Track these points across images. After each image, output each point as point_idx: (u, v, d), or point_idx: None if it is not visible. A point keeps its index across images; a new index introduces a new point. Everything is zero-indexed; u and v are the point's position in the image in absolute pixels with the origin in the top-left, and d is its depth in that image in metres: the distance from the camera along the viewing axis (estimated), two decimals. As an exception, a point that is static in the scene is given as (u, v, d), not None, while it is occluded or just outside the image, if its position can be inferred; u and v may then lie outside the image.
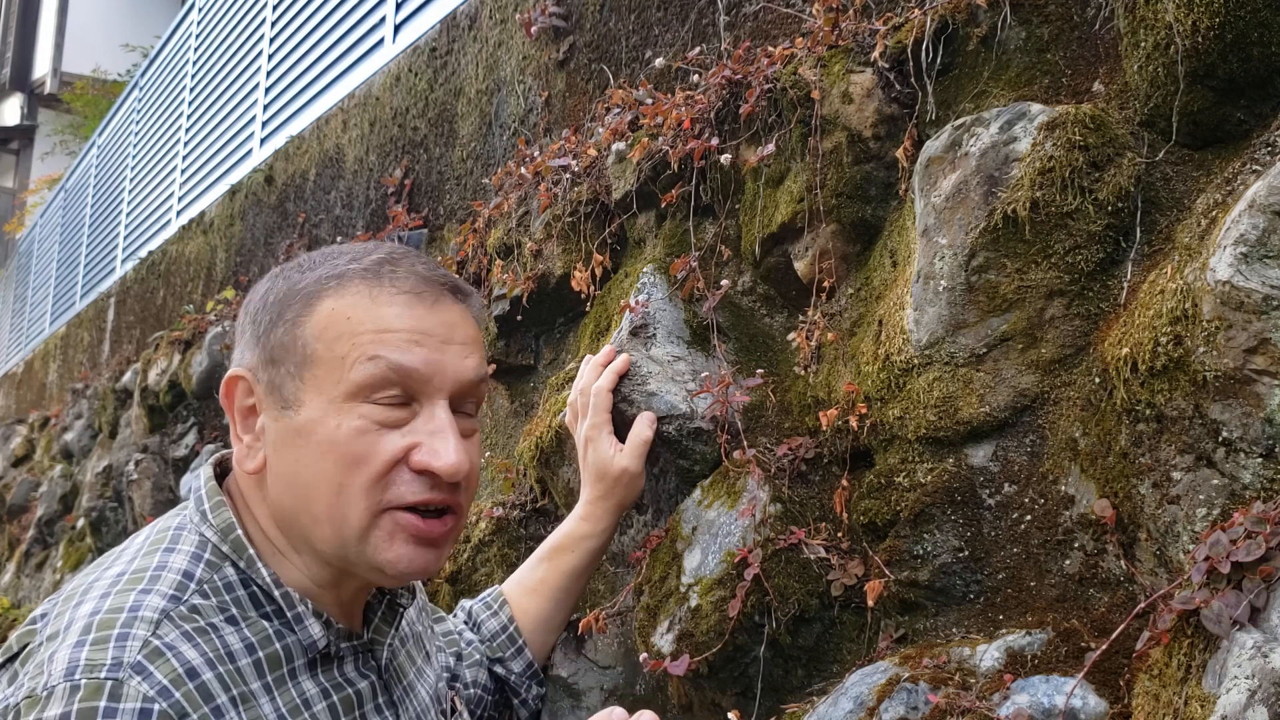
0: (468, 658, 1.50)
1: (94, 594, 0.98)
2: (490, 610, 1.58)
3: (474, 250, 2.70)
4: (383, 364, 1.03)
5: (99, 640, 0.92)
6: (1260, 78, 1.27)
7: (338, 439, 1.03)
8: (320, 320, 1.06)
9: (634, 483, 1.63)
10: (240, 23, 5.76)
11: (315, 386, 1.04)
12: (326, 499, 1.04)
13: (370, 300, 1.06)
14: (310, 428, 1.04)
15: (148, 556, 1.03)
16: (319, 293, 1.07)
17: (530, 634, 1.57)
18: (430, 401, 1.06)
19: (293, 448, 1.05)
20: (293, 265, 1.12)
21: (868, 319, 1.66)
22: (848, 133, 1.69)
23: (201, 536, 1.06)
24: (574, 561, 1.60)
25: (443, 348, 1.06)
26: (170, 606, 0.97)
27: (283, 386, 1.06)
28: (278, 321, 1.07)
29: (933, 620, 1.43)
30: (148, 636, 0.93)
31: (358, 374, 1.03)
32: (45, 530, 6.79)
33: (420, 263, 1.11)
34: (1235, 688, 0.95)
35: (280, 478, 1.06)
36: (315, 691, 1.05)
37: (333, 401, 1.04)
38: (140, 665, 0.91)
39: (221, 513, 1.07)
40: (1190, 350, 1.13)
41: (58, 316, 9.00)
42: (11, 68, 14.69)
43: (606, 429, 1.66)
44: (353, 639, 1.12)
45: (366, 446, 1.03)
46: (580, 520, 1.62)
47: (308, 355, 1.05)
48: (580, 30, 2.70)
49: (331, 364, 1.04)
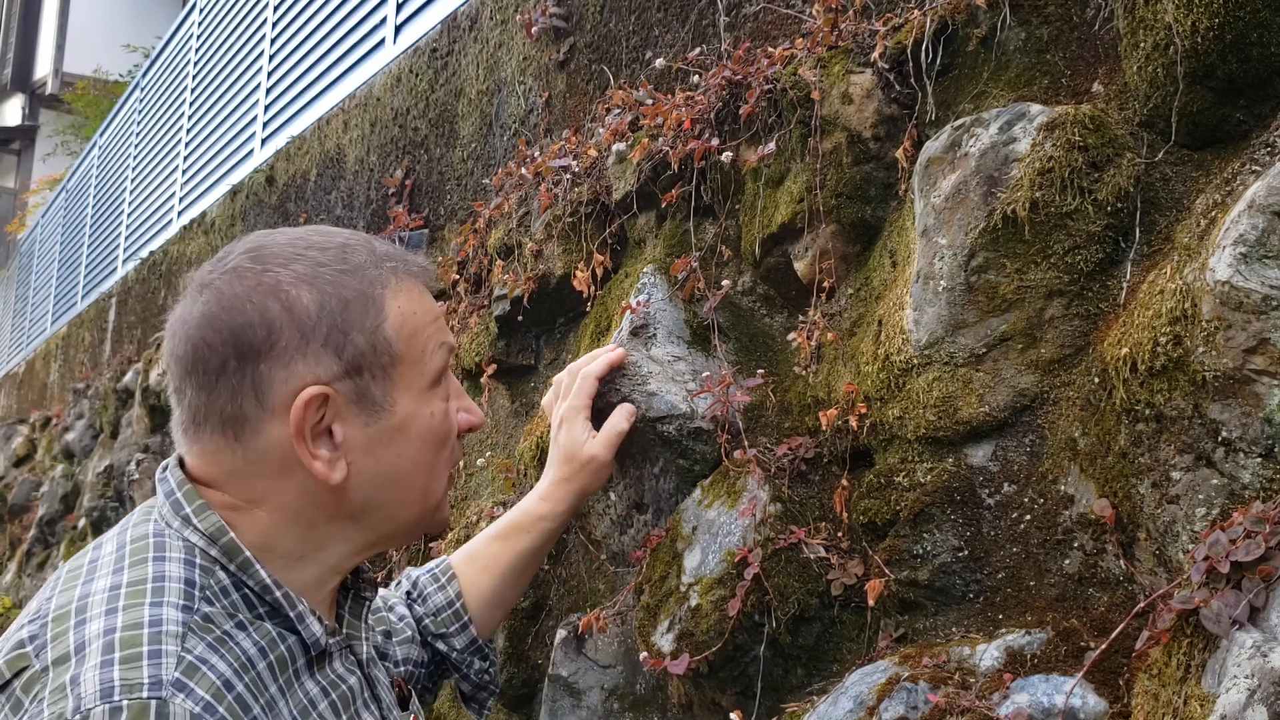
0: (398, 634, 1.47)
1: (95, 611, 0.94)
2: (438, 584, 1.55)
3: (474, 250, 2.70)
4: (447, 349, 1.15)
5: (129, 659, 0.89)
6: (1260, 78, 1.28)
7: (434, 425, 1.13)
8: (394, 320, 1.09)
9: (600, 471, 1.62)
10: (241, 23, 5.76)
11: (404, 383, 1.10)
12: (423, 481, 1.14)
13: (419, 294, 1.14)
14: (408, 422, 1.10)
15: (137, 567, 0.99)
16: (381, 296, 1.09)
17: (477, 610, 1.54)
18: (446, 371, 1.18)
19: (392, 446, 1.10)
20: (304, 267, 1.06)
21: (868, 319, 1.66)
22: (848, 133, 1.70)
23: (186, 542, 1.02)
24: (529, 542, 1.58)
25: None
26: (188, 618, 0.94)
27: (368, 392, 1.06)
28: (353, 332, 1.05)
29: (932, 620, 1.43)
30: (179, 652, 0.91)
31: (436, 362, 1.13)
32: (47, 530, 6.80)
33: (411, 251, 1.24)
34: (1235, 687, 0.95)
35: (374, 478, 1.10)
36: (317, 691, 1.05)
37: (420, 392, 1.12)
38: (180, 682, 0.88)
39: (208, 516, 1.04)
40: (1190, 350, 1.14)
41: (59, 316, 9.01)
42: (13, 68, 14.70)
43: (584, 413, 1.65)
44: (334, 635, 1.12)
45: (449, 425, 1.16)
46: (540, 500, 1.60)
47: (394, 355, 1.09)
48: (580, 31, 2.70)
49: (413, 359, 1.11)
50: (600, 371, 1.69)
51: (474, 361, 2.56)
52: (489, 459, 2.53)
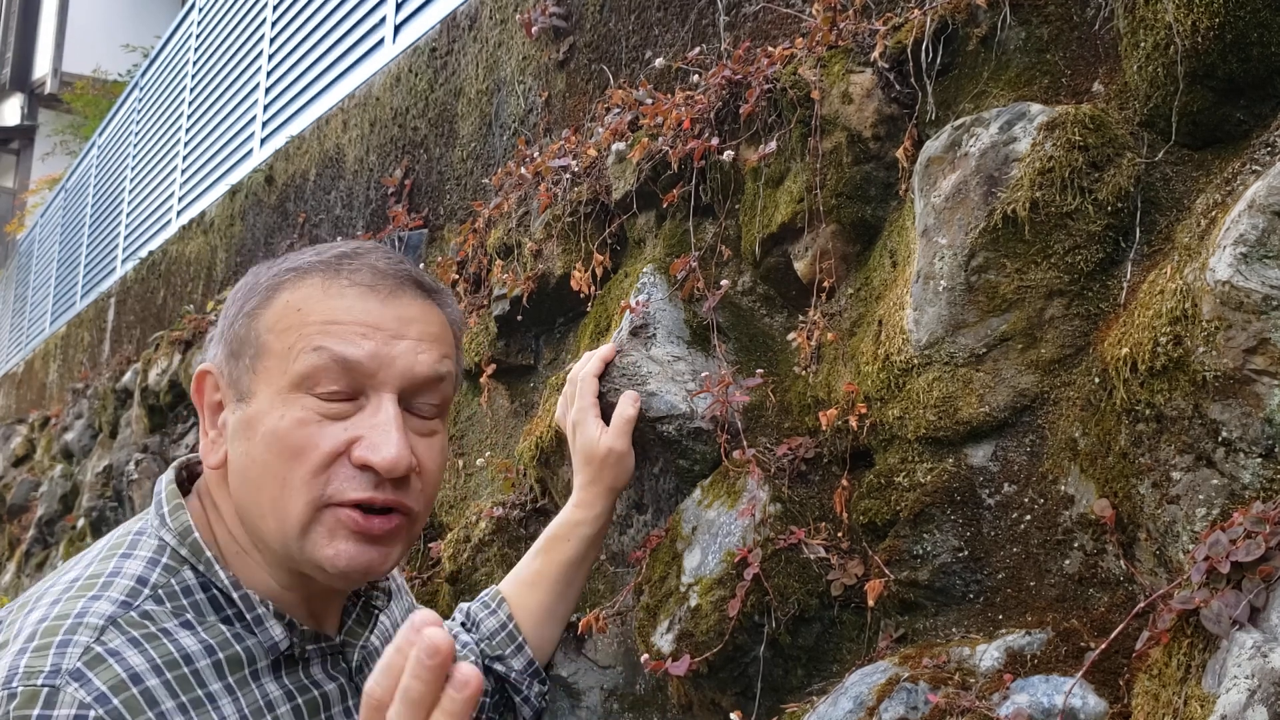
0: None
1: (45, 601, 0.97)
2: (489, 609, 1.57)
3: (474, 250, 2.70)
4: (325, 355, 1.02)
5: (40, 647, 0.91)
6: (1260, 78, 1.27)
7: (280, 430, 1.02)
8: (275, 312, 1.05)
9: (622, 462, 1.62)
10: (241, 23, 5.76)
11: (265, 378, 1.04)
12: (271, 492, 1.03)
13: (323, 292, 1.05)
14: (258, 419, 1.03)
15: (104, 562, 1.02)
16: (278, 285, 1.07)
17: (530, 630, 1.56)
18: (376, 395, 1.04)
19: (244, 439, 1.04)
20: (267, 261, 1.12)
21: (868, 319, 1.66)
22: (848, 133, 1.70)
23: (160, 541, 1.04)
24: (571, 550, 1.59)
25: (392, 341, 1.04)
26: (119, 612, 0.95)
27: (240, 379, 1.06)
28: (239, 314, 1.08)
29: (932, 620, 1.43)
30: (90, 643, 0.92)
31: (301, 364, 1.02)
32: (46, 530, 6.80)
33: (383, 257, 1.09)
34: (1235, 687, 0.95)
35: (235, 472, 1.06)
36: (279, 694, 1.04)
37: (279, 392, 1.03)
38: (78, 672, 0.90)
39: (179, 515, 1.05)
40: (1190, 350, 1.14)
41: (58, 316, 9.00)
42: (12, 68, 14.69)
43: (592, 413, 1.66)
44: (320, 640, 1.11)
45: (306, 438, 1.02)
46: (574, 508, 1.61)
47: (261, 347, 1.05)
48: (580, 30, 2.70)
49: (280, 355, 1.04)
50: (597, 370, 1.70)
51: (473, 361, 2.56)
52: (489, 459, 2.53)
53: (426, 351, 1.07)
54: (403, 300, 1.07)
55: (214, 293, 5.24)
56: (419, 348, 1.06)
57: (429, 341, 1.07)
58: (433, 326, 1.09)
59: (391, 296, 1.06)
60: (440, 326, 1.10)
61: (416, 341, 1.06)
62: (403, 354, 1.05)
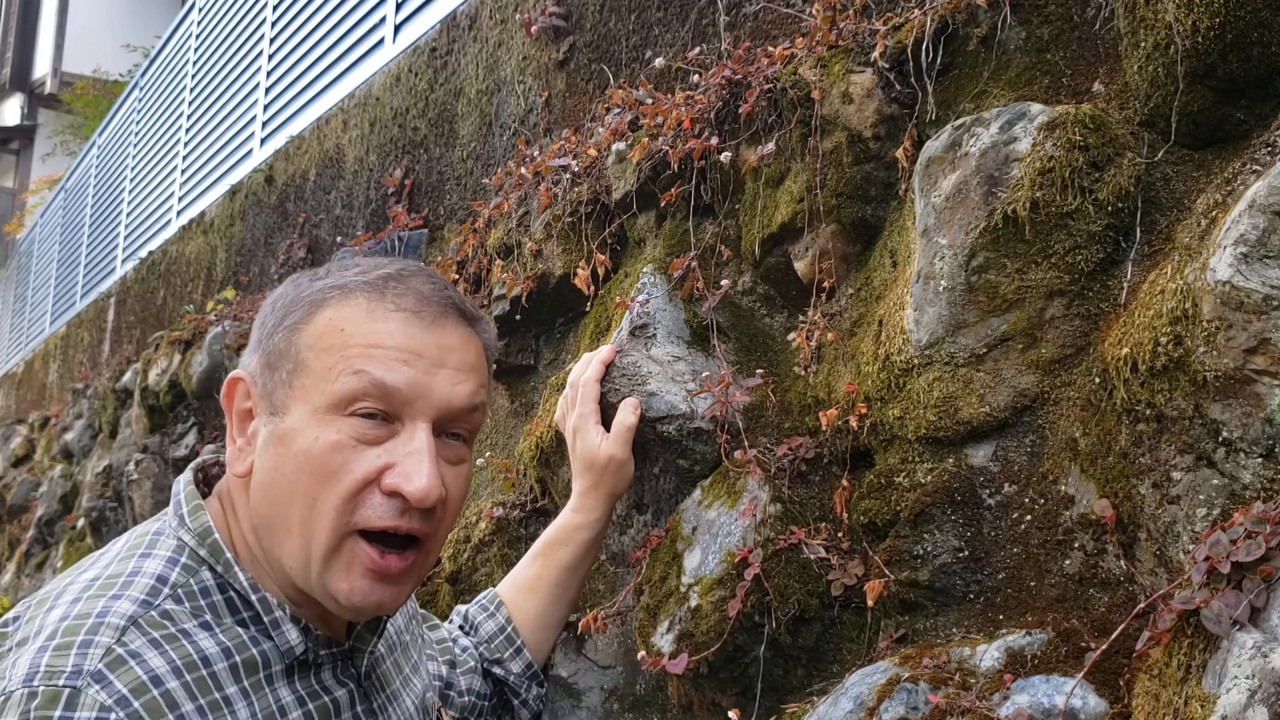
0: (462, 664, 1.49)
1: (65, 599, 0.97)
2: (487, 612, 1.57)
3: (474, 250, 2.70)
4: (366, 379, 1.01)
5: (62, 646, 0.91)
6: (1260, 78, 1.27)
7: (314, 450, 1.01)
8: (317, 329, 1.05)
9: (622, 469, 1.62)
10: (240, 23, 5.76)
11: (302, 395, 1.03)
12: (300, 512, 1.02)
13: (367, 314, 1.04)
14: (291, 435, 1.02)
15: (123, 562, 1.02)
16: (322, 302, 1.06)
17: (528, 633, 1.56)
18: (412, 423, 1.03)
19: (274, 454, 1.03)
20: (308, 274, 1.11)
21: (868, 319, 1.66)
22: (848, 133, 1.69)
23: (179, 541, 1.04)
24: (569, 555, 1.59)
25: (433, 370, 1.04)
26: (140, 612, 0.96)
27: (274, 392, 1.05)
28: (279, 327, 1.07)
29: (933, 620, 1.43)
30: (111, 644, 0.92)
31: (340, 386, 1.01)
32: (45, 530, 6.79)
33: (428, 281, 1.08)
34: (1235, 688, 0.95)
35: (261, 485, 1.05)
36: (291, 699, 1.04)
37: (315, 411, 1.02)
38: (100, 674, 0.90)
39: (199, 516, 1.06)
40: (1190, 350, 1.13)
41: (58, 316, 9.00)
42: (12, 68, 14.69)
43: (593, 419, 1.66)
44: (332, 646, 1.10)
45: (341, 461, 1.01)
46: (573, 512, 1.61)
47: (300, 363, 1.04)
48: (580, 30, 2.70)
49: (319, 374, 1.03)
50: (597, 374, 1.70)
51: (473, 361, 2.55)
52: (489, 459, 2.53)
53: (464, 382, 1.06)
54: (445, 328, 1.07)
55: (214, 293, 5.24)
56: (457, 378, 1.06)
57: (467, 371, 1.07)
58: (470, 355, 1.09)
59: (435, 324, 1.06)
60: (478, 356, 1.10)
61: (455, 371, 1.06)
62: (441, 384, 1.04)
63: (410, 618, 1.36)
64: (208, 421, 4.91)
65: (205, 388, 4.69)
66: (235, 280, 5.07)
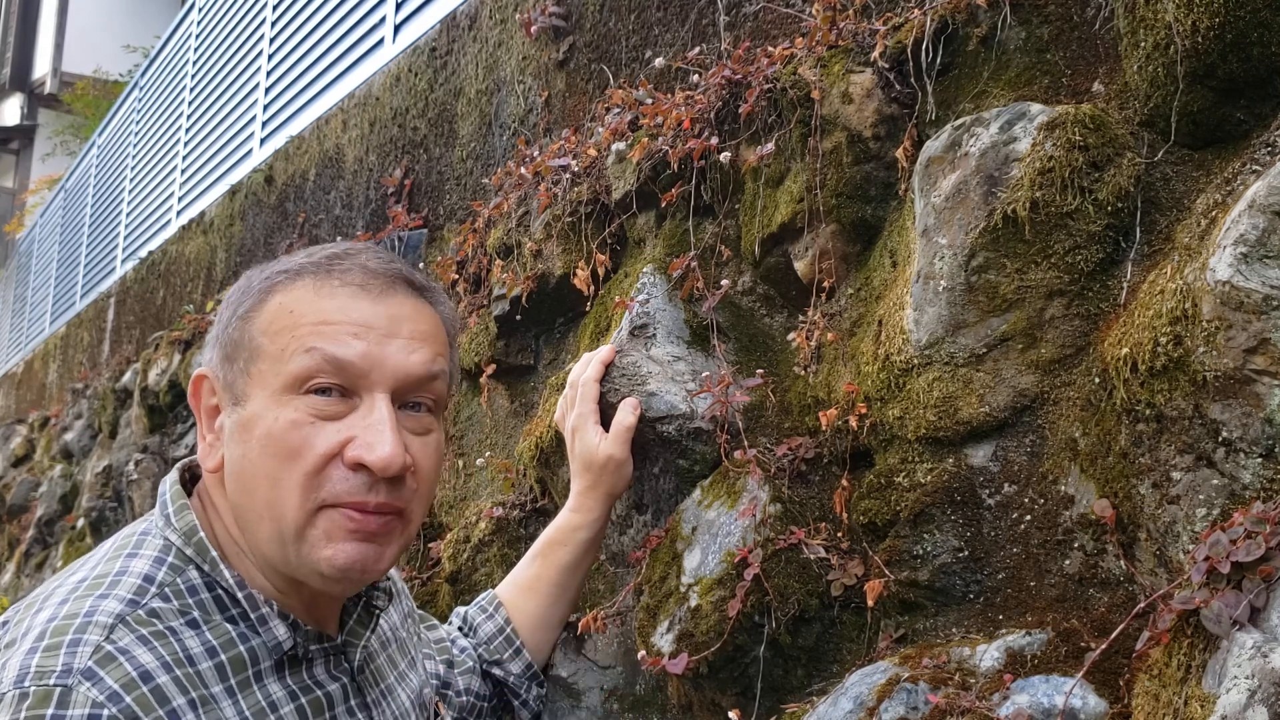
0: (460, 664, 1.49)
1: (53, 601, 0.98)
2: (486, 613, 1.57)
3: (474, 250, 2.70)
4: (318, 355, 1.02)
5: (51, 647, 0.92)
6: (1260, 78, 1.27)
7: (274, 431, 1.02)
8: (268, 314, 1.05)
9: (620, 469, 1.62)
10: (240, 23, 5.76)
11: (259, 381, 1.04)
12: (265, 494, 1.03)
13: (314, 293, 1.05)
14: (253, 421, 1.03)
15: (110, 562, 1.02)
16: (271, 288, 1.07)
17: (528, 634, 1.56)
18: (369, 395, 1.04)
19: (240, 442, 1.04)
20: (260, 265, 1.12)
21: (868, 319, 1.66)
22: (848, 133, 1.69)
23: (166, 540, 1.05)
24: (568, 555, 1.59)
25: (384, 340, 1.04)
26: (127, 611, 0.96)
27: (235, 382, 1.06)
28: (232, 318, 1.08)
29: (933, 620, 1.43)
30: (100, 642, 0.93)
31: (294, 365, 1.02)
32: (45, 530, 6.79)
33: (374, 257, 1.09)
34: (1235, 688, 0.95)
35: (232, 475, 1.06)
36: (282, 694, 1.04)
37: (273, 394, 1.03)
38: (90, 671, 0.90)
39: (185, 516, 1.06)
40: (1190, 350, 1.13)
41: (58, 316, 9.00)
42: (11, 68, 14.69)
43: (592, 419, 1.66)
44: (323, 641, 1.11)
45: (301, 439, 1.02)
46: (571, 512, 1.61)
47: (254, 349, 1.05)
48: (580, 30, 2.70)
49: (274, 356, 1.04)
50: (597, 374, 1.70)
51: (473, 361, 2.55)
52: (488, 459, 2.53)
53: (419, 350, 1.06)
54: (394, 299, 1.07)
55: (214, 293, 5.24)
56: (411, 346, 1.06)
57: (421, 340, 1.07)
58: (424, 324, 1.09)
59: (383, 295, 1.06)
60: (432, 324, 1.10)
61: (408, 340, 1.06)
62: (395, 353, 1.05)
63: (406, 616, 1.36)
64: (207, 421, 4.91)
65: (205, 388, 4.68)
66: (235, 280, 5.07)
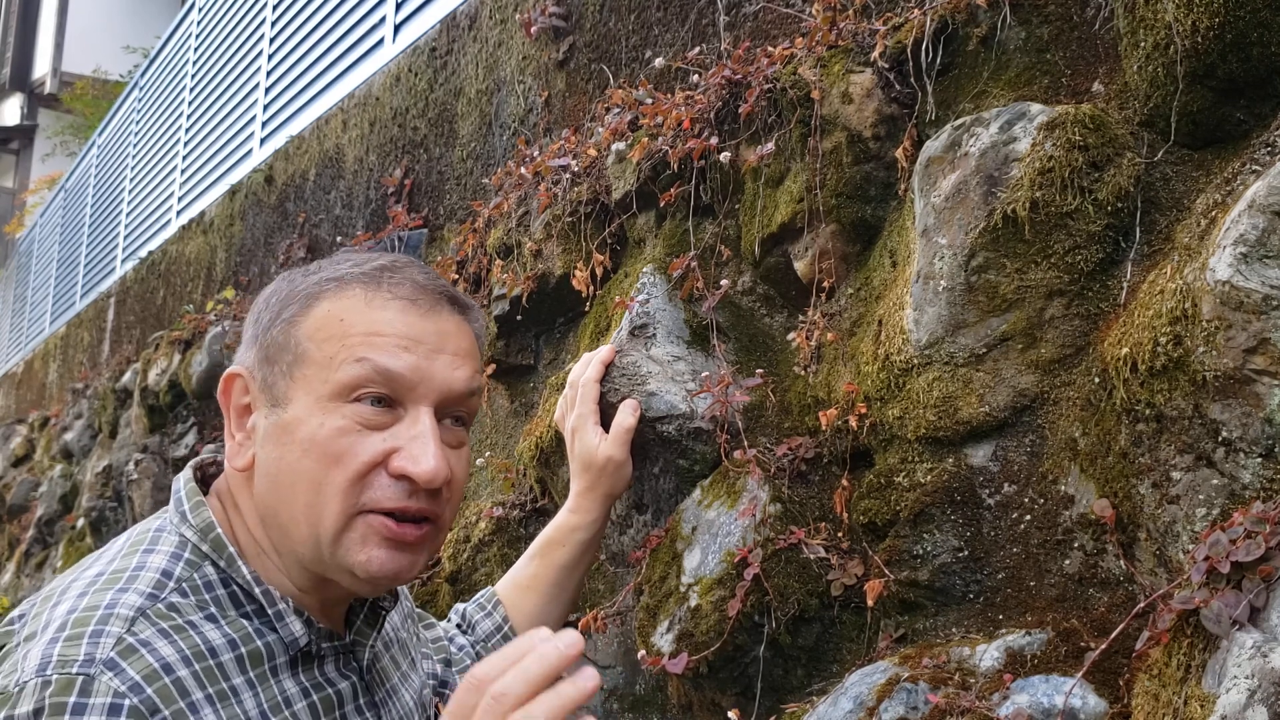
0: (458, 664, 1.50)
1: (72, 594, 0.99)
2: (484, 611, 1.58)
3: (474, 250, 2.70)
4: (369, 366, 1.04)
5: (73, 637, 0.93)
6: (1260, 78, 1.27)
7: (319, 437, 1.04)
8: (315, 321, 1.07)
9: (620, 470, 1.63)
10: (240, 23, 5.76)
11: (304, 385, 1.05)
12: (305, 497, 1.04)
13: (365, 304, 1.07)
14: (295, 425, 1.05)
15: (127, 557, 1.03)
16: (318, 294, 1.08)
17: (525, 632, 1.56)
18: (415, 408, 1.06)
19: (278, 444, 1.06)
20: (300, 270, 1.14)
21: (868, 319, 1.66)
22: (847, 133, 1.69)
23: (181, 536, 1.06)
24: (566, 555, 1.59)
25: (432, 356, 1.07)
26: (147, 604, 0.97)
27: (275, 384, 1.07)
28: (275, 321, 1.09)
29: (932, 620, 1.43)
30: (122, 633, 0.94)
31: (344, 374, 1.04)
32: (45, 530, 6.80)
33: (421, 272, 1.12)
34: (1235, 687, 0.95)
35: (265, 475, 1.07)
36: (295, 690, 1.05)
37: (319, 400, 1.05)
38: (113, 661, 0.91)
39: (201, 512, 1.07)
40: (1190, 350, 1.13)
41: (58, 316, 9.00)
42: (11, 68, 14.69)
43: (592, 419, 1.66)
44: (334, 639, 1.12)
45: (346, 446, 1.03)
46: (570, 513, 1.62)
47: (299, 354, 1.06)
48: (580, 30, 2.70)
49: (321, 363, 1.05)
50: (597, 375, 1.70)
51: (473, 361, 2.55)
52: (489, 459, 2.53)
53: (462, 367, 1.09)
54: (441, 315, 1.10)
55: (213, 293, 5.24)
56: (456, 363, 1.09)
57: (464, 357, 1.10)
58: (465, 342, 1.12)
59: (431, 311, 1.09)
60: (471, 342, 1.13)
61: (453, 357, 1.09)
62: (441, 369, 1.07)
63: (406, 616, 1.37)
64: (207, 421, 4.92)
65: (205, 387, 4.69)
66: (235, 280, 5.07)
